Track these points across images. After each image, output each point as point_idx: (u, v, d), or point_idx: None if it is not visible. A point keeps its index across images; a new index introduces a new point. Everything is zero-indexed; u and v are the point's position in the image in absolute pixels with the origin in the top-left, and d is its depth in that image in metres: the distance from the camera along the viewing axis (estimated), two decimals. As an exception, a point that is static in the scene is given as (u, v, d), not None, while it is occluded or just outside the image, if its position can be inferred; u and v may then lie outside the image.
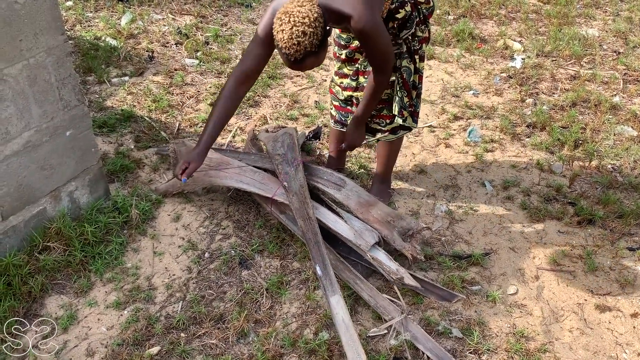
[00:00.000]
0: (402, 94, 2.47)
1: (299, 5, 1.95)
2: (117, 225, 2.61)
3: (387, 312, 2.21)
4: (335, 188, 2.56)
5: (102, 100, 3.67)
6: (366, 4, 2.09)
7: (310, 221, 2.39)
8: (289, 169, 2.60)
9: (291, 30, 1.93)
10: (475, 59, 4.36)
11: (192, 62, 4.19)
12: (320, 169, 2.68)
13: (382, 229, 2.40)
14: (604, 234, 2.67)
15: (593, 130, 3.44)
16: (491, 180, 3.04)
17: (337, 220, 2.46)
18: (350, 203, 2.51)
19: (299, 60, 2.00)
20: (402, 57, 2.41)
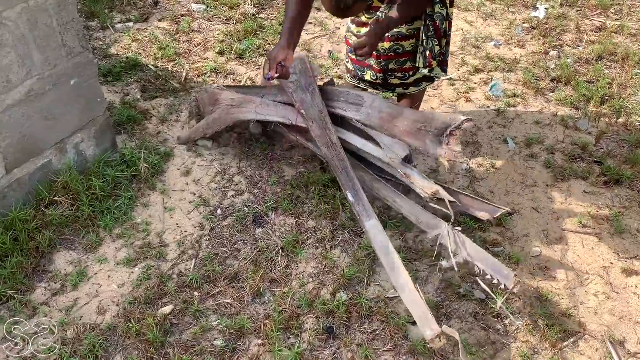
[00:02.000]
0: (432, 43, 2.32)
1: None
2: (126, 179, 2.51)
3: (431, 226, 2.13)
4: (354, 109, 2.42)
5: (106, 47, 3.51)
6: None
7: (335, 147, 2.30)
8: (304, 95, 2.49)
9: None
10: (497, 8, 4.15)
11: (199, 7, 4.00)
12: (336, 89, 2.54)
13: (412, 140, 2.25)
14: (632, 194, 2.57)
15: (620, 85, 3.28)
16: (513, 137, 2.91)
17: (364, 142, 2.35)
18: (373, 121, 2.36)
19: (349, 5, 1.84)
20: (434, 2, 2.25)
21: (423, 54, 2.36)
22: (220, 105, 2.71)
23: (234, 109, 2.64)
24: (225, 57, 3.50)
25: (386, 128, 2.31)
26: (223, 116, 2.64)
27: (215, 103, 2.74)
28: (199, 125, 2.75)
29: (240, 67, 3.42)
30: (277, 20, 3.89)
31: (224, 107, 2.67)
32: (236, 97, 2.69)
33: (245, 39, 3.66)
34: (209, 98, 2.78)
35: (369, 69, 2.54)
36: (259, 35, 3.70)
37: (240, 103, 2.66)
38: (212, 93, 2.78)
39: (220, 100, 2.73)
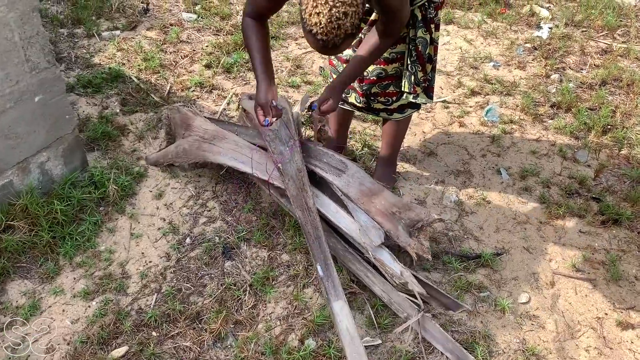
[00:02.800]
0: (415, 69, 2.16)
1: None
2: (93, 202, 2.37)
3: (403, 309, 2.00)
4: (335, 173, 2.27)
5: (89, 56, 3.38)
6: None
7: (310, 212, 2.12)
8: (282, 149, 2.32)
9: (330, 13, 1.57)
10: (498, 26, 3.99)
11: (190, 16, 3.86)
12: (319, 150, 2.37)
13: (385, 222, 2.14)
14: (631, 236, 2.40)
15: (624, 114, 3.11)
16: (508, 167, 2.75)
17: (339, 211, 2.19)
18: (351, 191, 2.22)
19: (337, 45, 1.68)
20: (416, 27, 2.09)
21: (409, 78, 2.21)
22: (192, 133, 2.53)
23: (206, 144, 2.46)
24: (212, 70, 3.36)
25: (362, 203, 2.17)
26: (194, 151, 2.48)
27: (187, 128, 2.57)
28: (169, 150, 2.59)
29: (226, 82, 3.28)
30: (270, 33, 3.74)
31: (196, 140, 2.49)
32: (209, 128, 2.51)
33: (234, 52, 3.52)
34: (180, 120, 2.62)
35: (353, 91, 2.40)
36: (249, 49, 3.56)
37: (212, 137, 2.47)
38: (185, 116, 2.61)
39: (192, 127, 2.56)
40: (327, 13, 1.58)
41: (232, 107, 3.07)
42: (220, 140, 2.42)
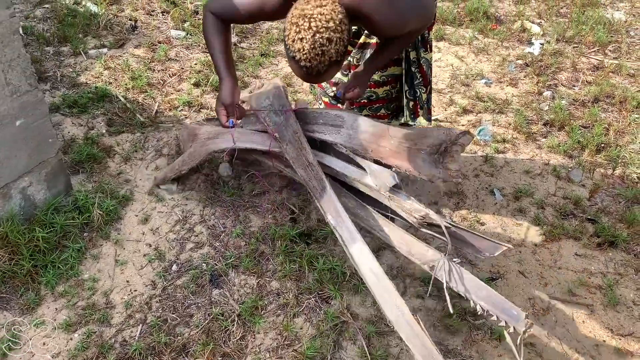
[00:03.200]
0: (419, 91, 2.13)
1: (317, 5, 1.52)
2: (77, 228, 2.30)
3: (425, 259, 1.87)
4: (334, 131, 2.18)
5: (75, 74, 3.32)
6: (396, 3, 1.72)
7: (312, 167, 2.08)
8: (277, 119, 2.29)
9: (313, 39, 1.52)
10: (489, 42, 3.97)
11: (178, 34, 3.82)
12: (313, 112, 2.30)
13: (401, 162, 2.00)
14: (627, 259, 2.36)
15: (617, 131, 3.08)
16: (501, 187, 2.70)
17: (347, 166, 2.11)
18: (355, 143, 2.10)
19: (323, 71, 1.61)
20: (417, 48, 2.06)
21: (407, 105, 2.17)
22: (198, 140, 2.52)
23: (209, 140, 2.45)
24: (200, 89, 3.31)
25: (371, 150, 2.05)
26: (198, 149, 2.46)
27: (194, 139, 2.55)
28: (176, 162, 2.56)
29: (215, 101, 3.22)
30: (259, 50, 3.71)
31: (201, 141, 2.48)
32: (213, 130, 2.51)
33: (223, 70, 3.46)
34: (188, 134, 2.60)
35: (344, 113, 2.35)
36: (238, 67, 3.52)
37: (217, 134, 2.47)
38: (192, 129, 2.60)
39: (198, 135, 2.55)
40: (310, 39, 1.53)
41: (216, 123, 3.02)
42: (223, 135, 2.41)
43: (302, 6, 1.56)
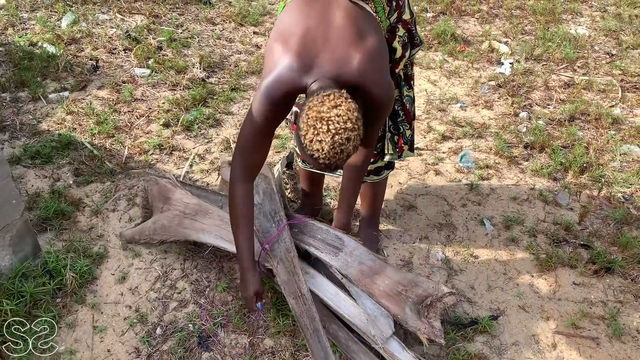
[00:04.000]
0: (403, 128, 2.08)
1: (333, 106, 1.48)
2: (48, 294, 2.13)
3: None
4: (332, 252, 2.03)
5: (36, 122, 3.14)
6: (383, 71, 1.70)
7: (305, 300, 1.91)
8: (268, 225, 2.09)
9: (333, 140, 1.48)
10: (460, 65, 3.96)
11: (143, 71, 3.67)
12: (313, 225, 2.12)
13: (391, 304, 1.92)
14: (625, 285, 2.31)
15: (597, 150, 3.08)
16: (490, 217, 2.64)
17: (339, 293, 1.98)
18: (351, 272, 1.99)
19: (339, 166, 1.57)
20: (401, 86, 2.01)
21: (391, 140, 2.10)
22: (172, 208, 2.33)
23: (188, 220, 2.26)
24: (171, 129, 3.17)
25: (364, 284, 1.96)
26: (174, 227, 2.27)
27: (166, 202, 2.37)
28: (145, 227, 2.38)
29: (187, 141, 3.09)
30: (229, 85, 3.59)
31: (176, 215, 2.29)
32: (190, 202, 2.32)
33: (193, 108, 3.34)
34: (158, 192, 2.41)
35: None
36: (208, 104, 3.40)
37: (195, 213, 2.27)
38: (164, 188, 2.40)
39: (172, 200, 2.35)
40: (329, 141, 1.48)
41: (195, 169, 2.88)
42: (204, 216, 2.22)
43: (317, 108, 1.49)
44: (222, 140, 3.09)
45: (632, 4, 5.04)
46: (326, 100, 1.49)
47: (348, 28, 1.65)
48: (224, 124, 3.26)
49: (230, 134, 3.15)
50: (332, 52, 1.62)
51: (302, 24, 1.66)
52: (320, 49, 1.62)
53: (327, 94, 1.50)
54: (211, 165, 2.90)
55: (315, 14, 1.67)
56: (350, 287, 1.99)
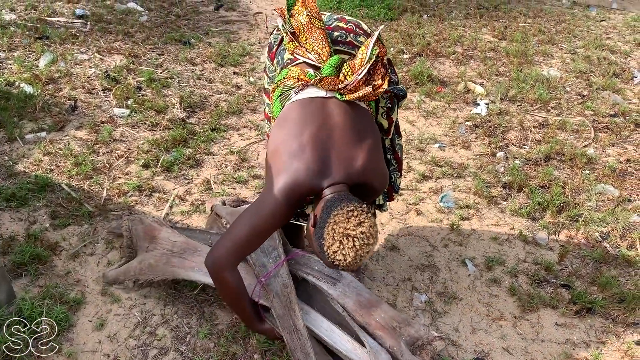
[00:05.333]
0: (394, 176, 2.13)
1: (357, 223, 1.55)
2: (23, 344, 2.05)
3: None
4: (330, 282, 2.06)
5: (12, 163, 3.09)
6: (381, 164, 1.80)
7: (300, 335, 1.91)
8: (266, 261, 2.09)
9: (357, 252, 1.55)
10: (437, 105, 4.04)
11: (122, 112, 3.66)
12: (310, 257, 2.15)
13: (387, 337, 1.95)
14: (606, 325, 2.33)
15: (573, 189, 3.14)
16: (472, 257, 2.66)
17: (333, 329, 1.97)
18: (348, 302, 2.01)
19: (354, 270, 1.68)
20: (392, 135, 2.07)
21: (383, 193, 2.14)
22: (158, 246, 2.29)
23: (175, 258, 2.22)
24: (150, 170, 3.14)
25: (361, 314, 1.98)
26: (162, 266, 2.23)
27: (152, 241, 2.33)
28: (131, 266, 2.33)
29: (167, 182, 3.07)
30: (210, 125, 3.59)
31: (163, 254, 2.25)
32: (178, 240, 2.29)
33: (173, 149, 3.33)
34: (144, 232, 2.37)
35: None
36: (189, 144, 3.39)
37: (183, 251, 2.24)
38: (149, 227, 2.37)
39: (158, 239, 2.32)
40: (353, 255, 1.55)
41: (175, 211, 2.85)
42: (192, 254, 2.19)
43: (344, 225, 1.54)
44: (202, 181, 3.07)
45: (600, 46, 5.24)
46: (352, 217, 1.55)
47: (348, 129, 1.72)
48: (204, 164, 3.25)
49: (211, 175, 3.13)
50: (339, 154, 1.69)
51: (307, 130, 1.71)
52: (330, 152, 1.69)
53: (351, 210, 1.56)
54: (191, 207, 2.87)
55: (316, 118, 1.73)
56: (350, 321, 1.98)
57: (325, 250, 1.56)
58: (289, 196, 1.65)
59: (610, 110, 4.08)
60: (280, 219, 1.70)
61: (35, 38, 4.49)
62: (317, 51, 1.85)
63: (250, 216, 1.72)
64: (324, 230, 1.57)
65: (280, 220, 1.70)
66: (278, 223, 1.72)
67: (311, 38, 1.86)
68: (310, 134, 1.69)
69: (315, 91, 1.79)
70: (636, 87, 4.50)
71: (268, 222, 1.69)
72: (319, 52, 1.84)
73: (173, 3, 5.77)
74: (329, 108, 1.75)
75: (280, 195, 1.65)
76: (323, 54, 1.84)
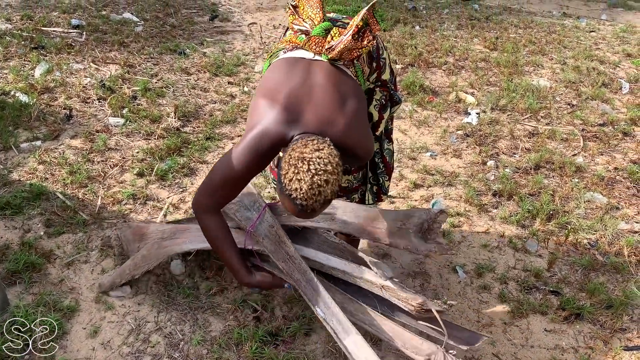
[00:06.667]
0: (382, 179, 2.17)
1: (315, 149, 1.57)
2: (17, 351, 2.07)
3: (421, 352, 1.84)
4: (327, 218, 2.12)
5: (7, 172, 3.11)
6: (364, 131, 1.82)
7: (292, 260, 2.00)
8: (249, 214, 2.16)
9: (312, 180, 1.55)
10: (429, 115, 4.09)
11: (117, 121, 3.69)
12: None
13: (398, 240, 2.03)
14: (595, 330, 2.36)
15: (562, 198, 3.19)
16: (463, 264, 2.69)
17: (330, 259, 2.05)
18: (352, 227, 2.09)
19: (318, 209, 1.63)
20: (381, 140, 2.09)
21: (371, 190, 2.18)
22: (149, 240, 2.34)
23: (167, 241, 2.29)
24: (145, 179, 3.17)
25: (368, 232, 2.07)
26: (154, 251, 2.28)
27: (142, 238, 2.38)
28: (125, 266, 2.37)
29: (162, 190, 3.09)
30: (204, 134, 3.62)
31: (154, 242, 2.31)
32: (167, 228, 2.36)
33: (168, 158, 3.36)
34: (133, 234, 2.42)
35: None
36: (183, 153, 3.42)
37: (173, 234, 2.31)
38: (137, 228, 2.43)
39: (147, 234, 2.38)
40: (308, 180, 1.55)
41: (170, 219, 2.87)
42: (183, 232, 2.25)
43: (301, 149, 1.57)
44: (196, 190, 3.10)
45: (589, 57, 5.32)
46: (309, 143, 1.58)
47: (330, 91, 1.74)
48: (198, 173, 3.28)
49: (205, 183, 3.16)
50: (316, 112, 1.71)
51: (286, 83, 1.75)
52: (305, 107, 1.71)
53: (311, 139, 1.59)
54: (185, 215, 2.90)
55: (298, 74, 1.78)
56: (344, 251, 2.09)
57: (283, 182, 1.58)
58: (258, 144, 1.70)
59: (599, 119, 4.15)
60: (251, 166, 1.74)
61: (31, 48, 4.52)
62: (310, 17, 1.90)
63: (224, 162, 1.78)
64: (281, 160, 1.60)
65: (251, 167, 1.74)
66: (250, 170, 1.76)
67: (307, 6, 1.92)
68: (289, 89, 1.74)
69: (303, 53, 1.85)
70: (624, 97, 4.57)
71: (240, 168, 1.73)
72: (312, 17, 1.90)
73: (168, 13, 5.81)
74: (313, 69, 1.80)
75: (251, 142, 1.70)
76: (315, 19, 1.89)
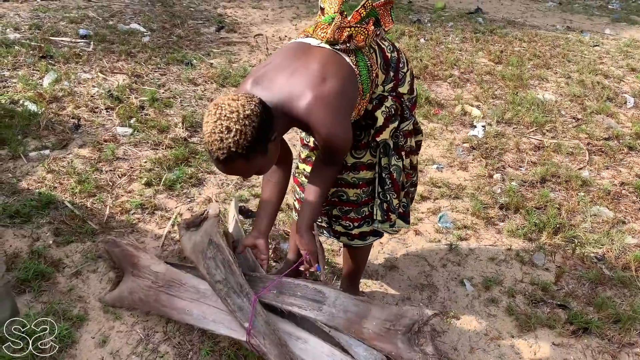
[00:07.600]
0: (389, 196, 2.10)
1: (232, 98, 1.65)
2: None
3: None
4: (315, 307, 2.03)
5: (16, 180, 3.12)
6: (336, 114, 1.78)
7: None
8: (240, 302, 2.02)
9: (215, 124, 1.62)
10: (435, 127, 4.11)
11: (125, 131, 3.71)
12: (289, 283, 2.11)
13: (384, 344, 1.94)
14: (603, 345, 2.37)
15: (568, 211, 3.20)
16: (470, 277, 2.70)
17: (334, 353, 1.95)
18: (338, 322, 1.99)
19: (223, 160, 1.66)
20: (389, 155, 2.04)
21: (380, 206, 2.13)
22: (142, 275, 2.27)
23: (163, 295, 2.20)
24: (153, 189, 3.18)
25: (354, 331, 1.98)
26: (152, 303, 2.22)
27: (134, 267, 2.31)
28: (124, 296, 2.32)
29: (170, 200, 3.11)
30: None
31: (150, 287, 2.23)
32: (160, 271, 2.25)
33: (176, 168, 3.37)
34: (122, 256, 2.36)
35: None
36: (191, 163, 3.44)
37: (168, 285, 2.21)
38: (126, 252, 2.36)
39: (139, 266, 2.30)
40: (212, 123, 1.63)
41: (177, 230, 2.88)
42: (178, 288, 2.19)
43: (222, 96, 1.68)
44: (204, 200, 3.11)
45: (594, 71, 5.35)
46: (232, 94, 1.65)
47: (313, 68, 1.78)
48: (206, 183, 3.29)
49: (213, 193, 3.18)
50: (288, 84, 1.76)
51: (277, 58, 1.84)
52: (279, 76, 1.77)
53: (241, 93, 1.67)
54: (194, 225, 2.91)
55: (294, 54, 1.84)
56: (340, 337, 1.99)
57: None
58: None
59: (604, 133, 4.17)
60: None
61: (39, 57, 4.55)
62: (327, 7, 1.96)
63: None
64: None
65: None
66: None
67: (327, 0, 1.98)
68: (277, 61, 1.82)
69: (310, 40, 1.90)
70: (629, 111, 4.60)
71: None
72: (328, 7, 1.96)
73: (175, 24, 5.87)
74: (311, 51, 1.84)
75: None
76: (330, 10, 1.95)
